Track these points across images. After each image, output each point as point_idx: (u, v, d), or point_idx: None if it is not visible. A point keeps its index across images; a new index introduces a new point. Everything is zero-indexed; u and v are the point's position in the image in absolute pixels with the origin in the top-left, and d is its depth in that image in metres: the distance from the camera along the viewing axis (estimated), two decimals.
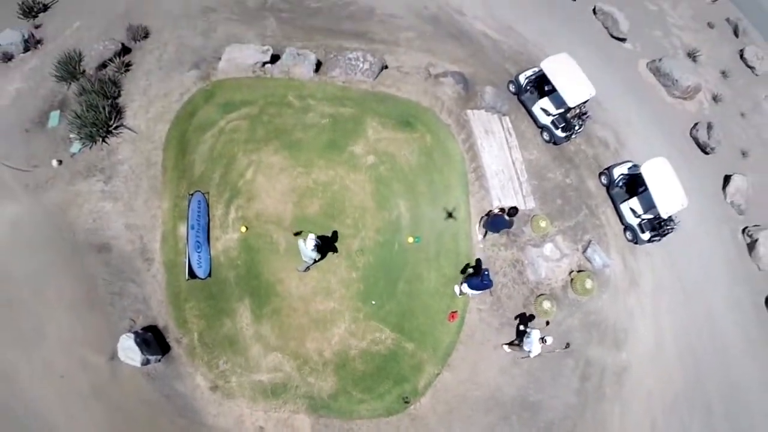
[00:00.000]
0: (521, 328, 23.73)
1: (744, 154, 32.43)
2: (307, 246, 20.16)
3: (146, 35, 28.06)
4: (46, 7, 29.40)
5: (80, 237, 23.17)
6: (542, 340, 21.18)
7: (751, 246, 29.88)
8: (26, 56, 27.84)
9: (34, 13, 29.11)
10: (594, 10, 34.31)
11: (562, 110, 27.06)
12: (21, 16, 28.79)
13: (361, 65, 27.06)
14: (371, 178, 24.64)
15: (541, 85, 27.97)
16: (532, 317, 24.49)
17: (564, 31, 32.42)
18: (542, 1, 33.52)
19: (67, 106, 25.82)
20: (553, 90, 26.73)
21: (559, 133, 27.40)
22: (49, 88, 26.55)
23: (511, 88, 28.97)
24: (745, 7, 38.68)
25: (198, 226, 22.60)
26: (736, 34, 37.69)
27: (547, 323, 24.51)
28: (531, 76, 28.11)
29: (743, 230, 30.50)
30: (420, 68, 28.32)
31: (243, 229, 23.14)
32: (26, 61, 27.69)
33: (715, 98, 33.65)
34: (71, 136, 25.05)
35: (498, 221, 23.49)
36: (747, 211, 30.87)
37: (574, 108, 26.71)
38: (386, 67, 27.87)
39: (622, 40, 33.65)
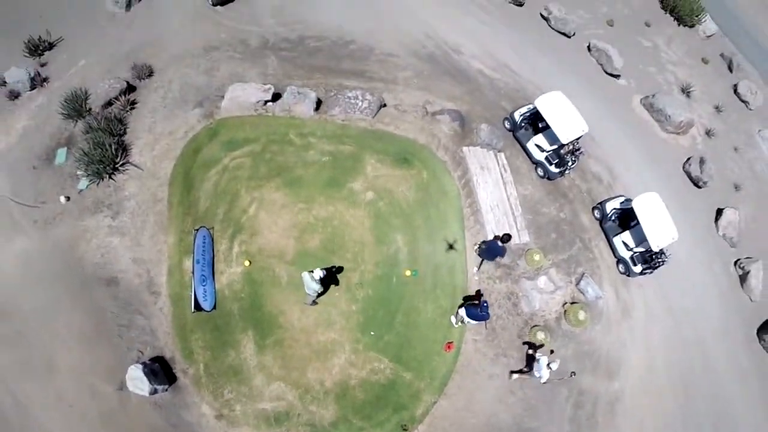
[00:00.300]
0: (530, 352, 25.84)
1: (737, 187, 34.54)
2: (315, 277, 22.27)
3: (150, 74, 30.46)
4: (51, 46, 31.82)
5: (89, 271, 25.31)
6: (549, 366, 23.32)
7: (743, 278, 31.97)
8: (32, 94, 30.30)
9: (39, 51, 31.52)
10: (588, 47, 36.60)
11: (555, 146, 29.32)
12: (27, 54, 31.23)
13: (360, 104, 29.44)
14: (370, 214, 26.92)
15: (536, 121, 30.22)
16: (541, 345, 26.67)
17: (559, 68, 34.77)
18: (538, 38, 35.91)
19: (73, 144, 28.19)
20: (547, 127, 28.96)
21: (553, 168, 29.67)
22: (55, 126, 28.95)
23: (507, 124, 31.27)
24: (739, 42, 40.30)
25: (203, 260, 24.77)
26: (730, 69, 38.92)
27: (552, 351, 26.55)
28: (525, 113, 30.39)
29: (735, 262, 32.54)
30: (417, 106, 30.65)
31: (246, 263, 25.29)
32: (33, 99, 30.16)
33: (709, 133, 35.80)
34: (78, 172, 27.32)
35: (492, 247, 25.61)
36: (739, 243, 32.94)
37: (567, 144, 28.90)
38: (384, 105, 30.22)
39: (616, 76, 35.96)
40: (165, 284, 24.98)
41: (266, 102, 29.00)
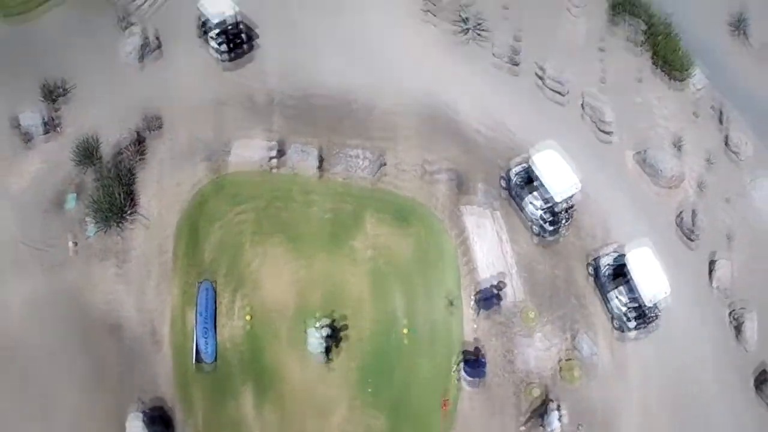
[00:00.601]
0: (542, 401, 27.22)
1: (729, 238, 35.49)
2: (323, 334, 23.68)
3: (160, 126, 32.37)
4: (66, 92, 33.81)
5: (93, 316, 26.89)
6: (560, 419, 24.55)
7: (738, 328, 32.90)
8: (45, 138, 32.18)
9: (54, 97, 33.46)
10: (582, 104, 38.07)
11: (550, 205, 30.76)
12: (42, 99, 33.13)
13: (361, 162, 31.40)
14: (369, 271, 28.67)
15: (531, 180, 31.74)
16: (550, 400, 27.73)
17: (553, 126, 36.08)
18: (533, 97, 37.64)
19: (83, 190, 29.98)
20: (542, 185, 30.43)
21: (547, 226, 31.25)
22: (66, 171, 30.69)
23: (503, 183, 32.92)
24: (729, 94, 40.92)
25: (206, 313, 26.34)
26: (720, 120, 39.57)
27: (559, 407, 27.46)
28: (521, 172, 32.09)
29: (729, 313, 33.46)
30: (416, 165, 32.42)
31: (248, 317, 26.86)
32: (45, 144, 32.04)
33: (700, 185, 36.79)
34: (87, 219, 29.04)
35: (488, 295, 27.41)
36: (733, 294, 33.85)
37: (561, 202, 30.36)
38: (385, 164, 32.07)
39: (609, 133, 37.36)
40: (167, 334, 26.52)
41: (271, 158, 30.81)
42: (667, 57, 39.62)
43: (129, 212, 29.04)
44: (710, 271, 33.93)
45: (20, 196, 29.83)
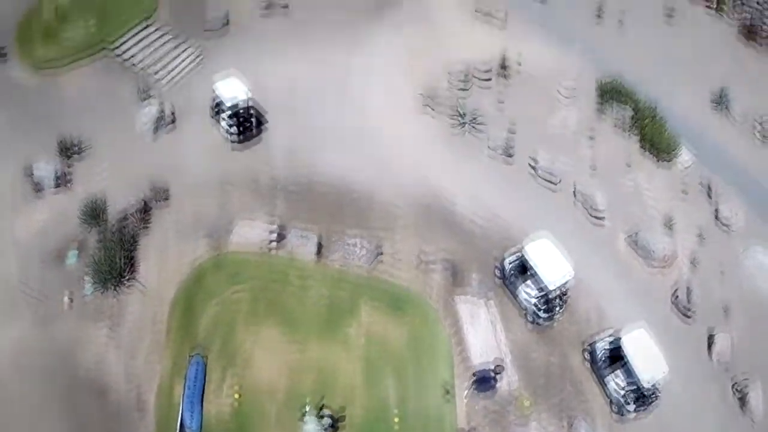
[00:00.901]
0: None
1: (726, 310, 36.09)
2: (323, 424, 24.68)
3: (167, 197, 34.40)
4: (81, 151, 36.19)
5: (80, 375, 27.68)
6: None
7: (743, 400, 33.20)
8: (56, 192, 34.15)
9: (69, 154, 35.76)
10: (574, 192, 40.07)
11: (544, 293, 32.29)
12: (57, 153, 35.34)
13: (358, 251, 33.34)
14: (363, 358, 29.92)
15: (524, 269, 33.38)
16: None
17: (547, 214, 37.94)
18: (526, 186, 39.81)
19: (85, 249, 31.43)
20: (535, 274, 32.00)
21: (542, 314, 32.73)
22: (71, 227, 32.24)
23: (497, 273, 34.62)
24: (716, 167, 42.87)
25: (194, 386, 27.29)
26: (709, 194, 41.00)
27: None
28: (514, 260, 33.85)
29: (732, 386, 33.77)
30: (412, 255, 34.27)
31: (237, 395, 27.79)
32: (55, 196, 33.99)
33: (693, 262, 36.81)
34: (86, 278, 30.33)
35: (484, 378, 28.46)
36: (734, 366, 34.20)
37: (554, 290, 31.81)
38: (381, 253, 33.95)
39: (601, 218, 39.14)
40: (153, 403, 27.29)
41: (271, 241, 32.58)
42: (654, 139, 42.40)
43: (128, 277, 30.37)
44: (709, 345, 34.34)
45: (24, 243, 31.41)
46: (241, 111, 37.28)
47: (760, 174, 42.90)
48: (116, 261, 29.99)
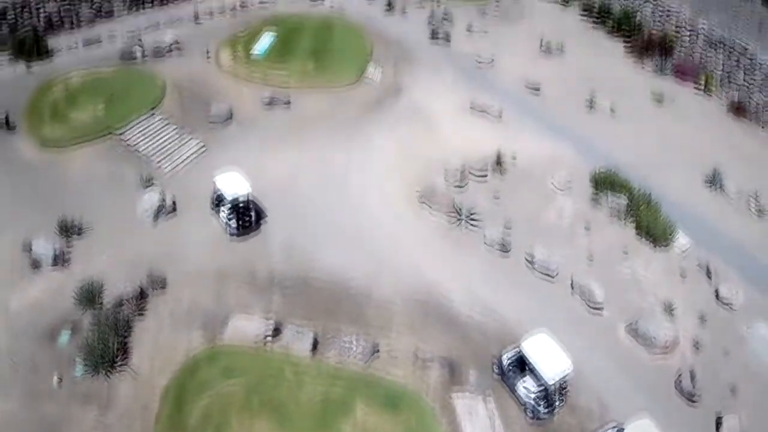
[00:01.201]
0: None
1: (733, 390, 35.69)
2: None
3: (164, 285, 35.07)
4: (81, 231, 37.20)
5: None
6: None
7: None
8: (53, 269, 34.80)
9: (69, 233, 36.71)
10: (571, 284, 40.68)
11: (543, 388, 32.50)
12: (57, 232, 36.30)
13: (354, 348, 33.80)
14: None
15: (523, 364, 33.65)
16: None
17: (545, 308, 38.43)
18: (523, 280, 40.28)
19: (79, 330, 31.76)
20: (534, 370, 32.33)
21: (541, 409, 32.74)
22: (66, 307, 32.69)
23: (495, 369, 34.77)
24: (714, 247, 43.79)
25: None
26: (708, 276, 41.43)
27: None
28: (512, 356, 34.19)
29: None
30: (409, 353, 34.54)
31: None
32: (52, 274, 34.62)
33: (696, 345, 36.69)
34: (77, 359, 30.47)
35: None
36: None
37: (554, 385, 32.08)
38: (378, 350, 34.30)
39: (600, 309, 39.47)
40: None
41: (267, 336, 33.10)
42: (650, 226, 43.49)
43: (120, 363, 30.55)
44: (717, 427, 33.89)
45: (16, 316, 31.86)
46: (241, 205, 38.70)
47: (757, 249, 44.24)
48: (109, 345, 30.26)
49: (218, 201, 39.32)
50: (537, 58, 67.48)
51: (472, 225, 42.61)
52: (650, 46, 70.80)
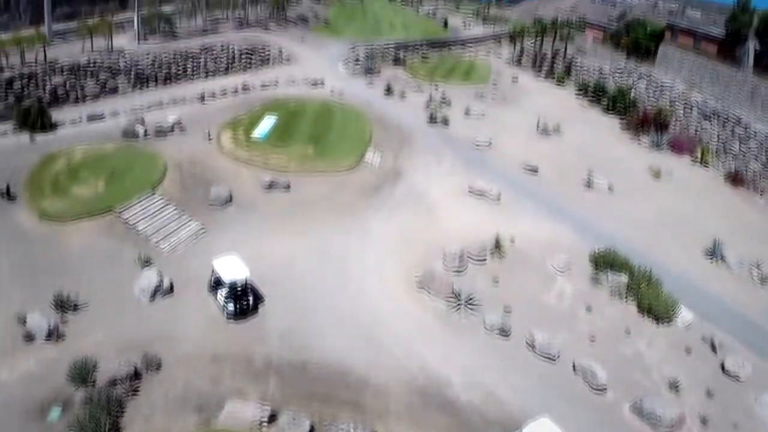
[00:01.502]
0: None
1: None
2: None
3: (159, 367, 34.89)
4: (76, 308, 37.28)
5: None
6: None
7: None
8: (47, 344, 34.70)
9: (65, 308, 36.83)
10: (573, 367, 40.39)
11: None
12: (53, 306, 36.43)
13: None
14: None
15: None
16: None
17: (546, 392, 38.15)
18: (524, 363, 40.04)
19: (70, 407, 31.40)
20: None
21: None
22: (57, 383, 32.38)
23: None
24: (717, 320, 44.25)
25: None
26: (713, 349, 41.69)
27: None
28: None
29: None
30: None
31: None
32: (45, 350, 34.46)
33: (704, 421, 36.43)
34: None
35: None
36: None
37: None
38: None
39: (603, 390, 39.06)
40: None
41: (262, 422, 32.70)
42: (652, 304, 43.77)
43: None
44: None
45: (5, 388, 31.59)
46: (239, 289, 39.13)
47: (762, 318, 44.83)
48: (100, 425, 29.89)
49: (216, 284, 39.75)
50: (534, 138, 70.24)
51: (471, 309, 42.94)
52: (646, 121, 74.07)
